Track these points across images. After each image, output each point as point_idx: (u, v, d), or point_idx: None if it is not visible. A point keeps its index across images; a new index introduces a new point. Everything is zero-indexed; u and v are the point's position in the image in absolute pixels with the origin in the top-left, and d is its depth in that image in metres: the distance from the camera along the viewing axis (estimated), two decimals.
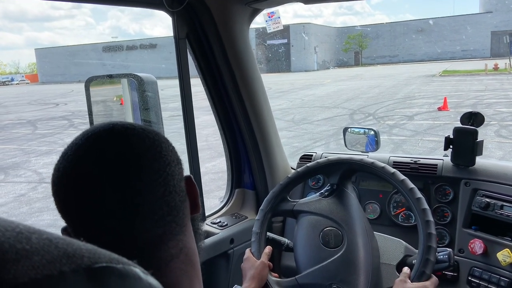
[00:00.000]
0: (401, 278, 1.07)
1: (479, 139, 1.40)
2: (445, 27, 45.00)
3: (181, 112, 1.55)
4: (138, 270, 0.25)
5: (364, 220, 1.22)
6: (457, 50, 44.35)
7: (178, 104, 1.57)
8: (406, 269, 1.09)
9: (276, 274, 1.24)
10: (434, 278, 1.07)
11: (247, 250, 1.26)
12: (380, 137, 1.66)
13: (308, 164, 1.30)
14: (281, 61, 43.73)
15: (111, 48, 47.20)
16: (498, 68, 22.95)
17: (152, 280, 0.26)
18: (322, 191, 1.28)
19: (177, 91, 1.50)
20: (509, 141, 7.11)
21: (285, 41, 42.69)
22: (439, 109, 10.67)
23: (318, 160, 1.29)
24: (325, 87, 20.58)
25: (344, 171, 1.25)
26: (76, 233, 0.51)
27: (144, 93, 1.31)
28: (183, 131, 1.54)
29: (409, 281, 1.05)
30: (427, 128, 8.60)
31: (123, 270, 0.24)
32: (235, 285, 1.14)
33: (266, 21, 1.85)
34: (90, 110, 1.29)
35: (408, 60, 45.21)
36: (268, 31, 1.89)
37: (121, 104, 1.51)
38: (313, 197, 1.28)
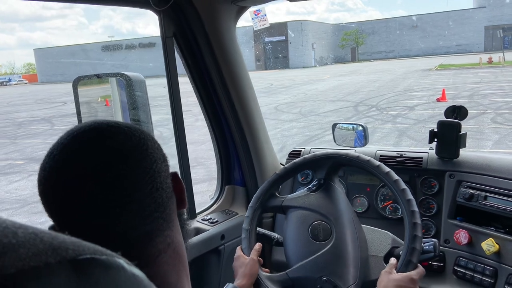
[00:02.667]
0: (386, 269, 1.07)
1: (464, 131, 1.43)
2: (439, 23, 45.76)
3: (187, 108, 1.57)
4: (122, 261, 0.26)
5: (351, 213, 1.24)
6: (451, 45, 45.14)
7: (184, 100, 1.62)
8: (392, 260, 1.10)
9: (267, 270, 1.26)
10: (420, 268, 1.07)
11: (238, 249, 1.27)
12: (383, 126, 1.96)
13: (295, 160, 1.32)
14: (279, 58, 44.28)
15: (110, 47, 47.56)
16: (492, 61, 23.68)
17: (136, 270, 0.27)
18: (310, 186, 1.30)
19: (182, 87, 1.55)
20: (504, 127, 7.76)
21: (283, 38, 43.25)
22: (438, 100, 11.27)
23: (305, 156, 1.31)
24: (326, 82, 21.20)
25: (331, 165, 1.27)
26: (63, 232, 0.50)
27: (132, 92, 1.30)
28: (196, 124, 1.78)
29: (394, 271, 1.05)
30: (428, 117, 9.22)
31: (107, 261, 0.25)
32: (227, 284, 1.14)
33: (253, 18, 1.86)
34: (79, 110, 1.28)
35: (404, 55, 45.98)
36: (255, 29, 1.91)
37: (106, 105, 1.50)
38: (301, 192, 1.30)
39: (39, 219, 4.72)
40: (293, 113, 11.35)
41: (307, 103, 13.40)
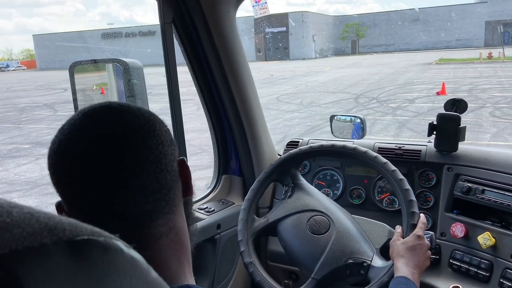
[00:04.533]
0: (394, 238, 1.10)
1: (462, 123, 1.43)
2: (440, 17, 45.71)
3: (189, 97, 1.67)
4: (120, 243, 0.26)
5: (328, 197, 1.30)
6: (451, 39, 45.15)
7: (185, 89, 1.56)
8: (398, 228, 1.12)
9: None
10: (421, 221, 1.10)
11: None
12: (384, 118, 1.88)
13: (259, 178, 1.34)
14: (279, 49, 44.19)
15: (109, 35, 47.33)
16: (492, 56, 23.80)
17: (134, 253, 0.27)
18: (282, 195, 1.33)
19: (183, 77, 1.53)
20: (502, 120, 7.92)
21: (284, 29, 43.13)
22: (438, 93, 11.40)
23: (265, 170, 1.34)
24: (326, 74, 21.28)
25: (291, 167, 1.31)
26: (69, 206, 0.53)
27: (129, 79, 1.28)
28: (198, 112, 1.69)
29: (401, 238, 1.08)
30: (428, 110, 9.36)
31: (105, 243, 0.24)
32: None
33: (253, 6, 1.83)
34: (75, 96, 1.26)
35: (404, 49, 46.00)
36: (255, 17, 2.03)
37: (101, 93, 1.47)
38: (278, 204, 1.31)
39: (50, 200, 4.86)
40: (294, 103, 11.46)
41: (308, 94, 13.50)
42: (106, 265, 0.24)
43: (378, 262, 1.11)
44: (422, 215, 1.11)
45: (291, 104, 11.40)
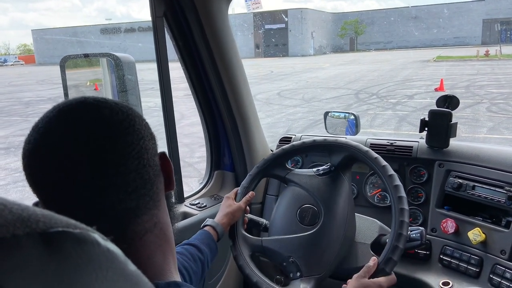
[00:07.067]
0: (360, 273, 1.05)
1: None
2: (438, 15, 46.00)
3: (189, 92, 1.60)
4: (97, 236, 0.25)
5: (348, 208, 1.20)
6: (449, 37, 45.42)
7: (185, 85, 1.60)
8: (371, 261, 1.08)
9: (245, 219, 1.27)
10: (392, 276, 1.06)
11: (232, 192, 1.26)
12: (384, 112, 1.90)
13: (315, 139, 1.29)
14: (278, 46, 44.36)
15: (108, 30, 47.35)
16: (489, 54, 24.11)
17: (111, 245, 0.26)
18: (319, 168, 1.27)
19: (182, 72, 1.57)
20: (499, 115, 8.19)
21: (283, 25, 43.29)
22: (436, 89, 11.65)
23: (327, 138, 1.29)
24: (326, 70, 21.51)
25: (347, 156, 1.23)
26: (48, 207, 0.50)
27: (121, 73, 1.26)
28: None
29: (366, 278, 1.04)
30: (426, 105, 9.62)
31: (80, 235, 0.24)
32: (207, 219, 1.17)
33: (246, 1, 1.90)
34: (66, 91, 1.23)
35: (402, 47, 46.25)
36: (247, 11, 2.47)
37: (95, 89, 1.45)
38: (308, 171, 1.28)
39: None
40: (296, 99, 11.70)
41: (309, 90, 13.74)
42: (80, 257, 0.23)
43: (299, 286, 1.11)
44: (393, 277, 1.07)
45: (292, 99, 11.64)
